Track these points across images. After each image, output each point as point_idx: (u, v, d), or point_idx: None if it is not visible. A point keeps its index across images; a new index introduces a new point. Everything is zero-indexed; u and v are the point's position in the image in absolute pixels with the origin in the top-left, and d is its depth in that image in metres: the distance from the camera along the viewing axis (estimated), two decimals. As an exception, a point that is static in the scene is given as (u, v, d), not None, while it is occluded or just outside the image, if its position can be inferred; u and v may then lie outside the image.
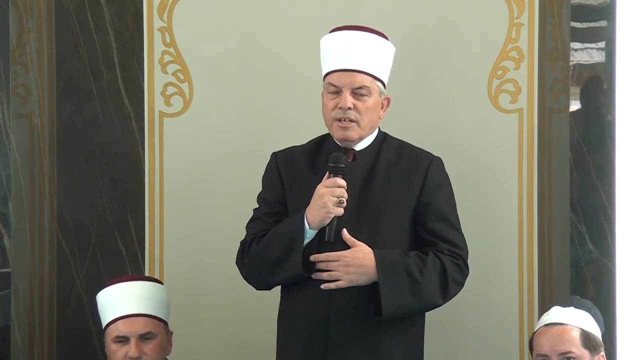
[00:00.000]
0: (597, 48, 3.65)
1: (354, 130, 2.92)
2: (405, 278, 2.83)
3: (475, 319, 3.41)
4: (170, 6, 3.53)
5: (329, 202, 2.81)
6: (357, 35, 2.94)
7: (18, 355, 3.81)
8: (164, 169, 3.54)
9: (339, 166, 2.85)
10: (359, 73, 2.90)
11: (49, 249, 3.84)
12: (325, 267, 2.85)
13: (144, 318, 3.09)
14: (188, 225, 3.53)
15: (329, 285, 2.84)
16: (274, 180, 3.02)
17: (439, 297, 2.88)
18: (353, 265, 2.83)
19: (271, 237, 2.90)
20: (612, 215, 3.57)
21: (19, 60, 3.82)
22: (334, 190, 2.82)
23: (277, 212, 2.97)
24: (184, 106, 3.55)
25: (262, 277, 2.94)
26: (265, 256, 2.90)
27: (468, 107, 3.44)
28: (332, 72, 2.94)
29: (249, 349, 3.49)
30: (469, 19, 3.43)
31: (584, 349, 2.85)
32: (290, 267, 2.85)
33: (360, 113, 2.91)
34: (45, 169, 3.83)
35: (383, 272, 2.82)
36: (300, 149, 3.06)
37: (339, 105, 2.89)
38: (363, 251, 2.84)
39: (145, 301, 3.11)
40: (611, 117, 3.59)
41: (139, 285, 3.16)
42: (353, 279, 2.83)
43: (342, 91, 2.90)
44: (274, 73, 3.50)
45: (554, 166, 3.59)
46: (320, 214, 2.82)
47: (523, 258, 3.41)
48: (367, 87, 2.91)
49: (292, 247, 2.84)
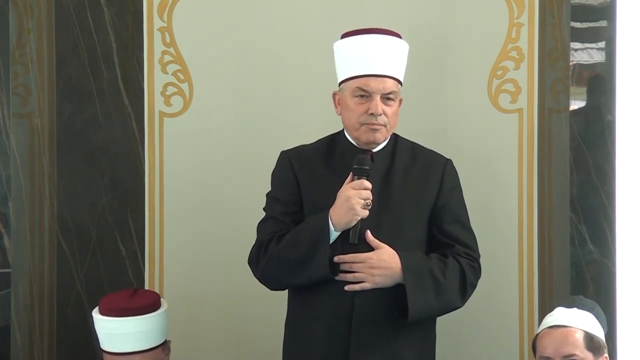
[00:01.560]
0: (597, 48, 3.65)
1: (382, 133, 2.91)
2: (429, 280, 2.84)
3: (476, 319, 3.41)
4: (170, 6, 3.53)
5: (357, 205, 2.79)
6: (382, 39, 2.91)
7: (18, 355, 3.81)
8: (164, 169, 3.54)
9: (363, 168, 2.84)
10: (388, 78, 2.89)
11: (49, 249, 3.84)
12: (350, 269, 2.84)
13: (140, 354, 3.10)
14: (188, 225, 3.53)
15: (353, 287, 2.83)
16: (288, 179, 2.98)
17: (458, 300, 2.90)
18: (379, 267, 2.82)
19: (294, 238, 2.86)
20: (612, 215, 3.57)
21: (19, 60, 3.82)
22: (360, 193, 2.81)
23: (293, 212, 2.95)
24: (184, 106, 3.55)
25: (282, 278, 2.91)
26: (287, 257, 2.86)
27: (468, 107, 3.44)
28: (360, 77, 2.89)
29: (249, 349, 3.49)
30: (469, 19, 3.43)
31: (588, 352, 2.85)
32: (316, 269, 2.82)
33: (389, 117, 2.90)
34: (45, 169, 3.83)
35: (409, 274, 2.82)
36: (311, 147, 3.03)
37: (370, 111, 2.87)
38: (388, 253, 2.84)
39: (143, 337, 3.11)
40: (611, 117, 3.59)
41: (136, 324, 3.11)
42: (378, 280, 2.83)
43: (372, 96, 2.88)
44: (273, 73, 3.50)
45: (554, 166, 3.59)
46: (347, 216, 2.80)
47: (523, 258, 3.41)
48: (395, 92, 2.91)
49: (316, 248, 2.81)
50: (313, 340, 2.89)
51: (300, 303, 2.96)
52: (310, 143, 3.05)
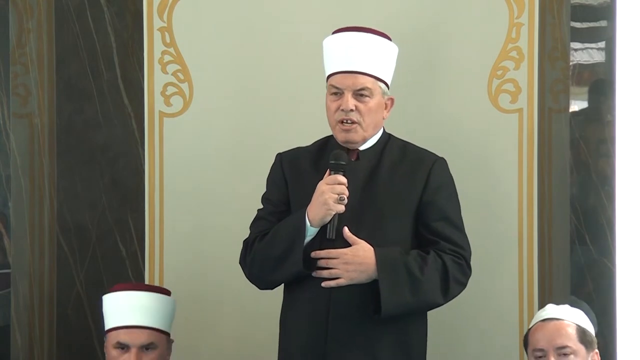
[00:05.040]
0: (597, 48, 3.65)
1: (356, 132, 2.92)
2: (405, 276, 2.83)
3: (476, 319, 3.41)
4: (170, 6, 3.53)
5: (330, 199, 2.81)
6: (359, 36, 2.94)
7: (18, 355, 3.81)
8: (164, 169, 3.54)
9: (339, 163, 2.86)
10: (361, 74, 2.91)
11: (49, 249, 3.84)
12: (326, 265, 2.85)
13: (147, 330, 3.09)
14: (188, 225, 3.53)
15: (329, 283, 2.84)
16: (278, 180, 3.02)
17: (439, 297, 2.88)
18: (353, 263, 2.83)
19: (273, 235, 2.91)
20: (612, 216, 3.57)
21: (19, 60, 3.82)
22: (334, 187, 2.83)
23: (281, 211, 2.98)
24: (184, 106, 3.55)
25: (264, 276, 2.94)
26: (267, 254, 2.90)
27: (468, 107, 3.44)
28: (334, 74, 2.94)
29: (249, 349, 3.49)
30: (469, 19, 3.43)
31: (580, 344, 2.86)
32: (292, 265, 2.85)
33: (362, 114, 2.91)
34: (45, 169, 3.83)
35: (383, 270, 2.82)
36: (304, 150, 3.06)
37: (341, 107, 2.90)
38: (363, 249, 2.85)
39: (151, 313, 3.12)
40: (611, 117, 3.59)
41: (146, 297, 3.15)
42: (353, 276, 2.84)
43: (344, 93, 2.91)
44: (274, 73, 3.50)
45: (554, 166, 3.59)
46: (321, 211, 2.82)
47: (523, 258, 3.40)
48: (368, 88, 2.91)
49: (293, 245, 2.84)
50: (294, 336, 2.92)
51: (286, 301, 2.99)
52: (306, 145, 3.07)
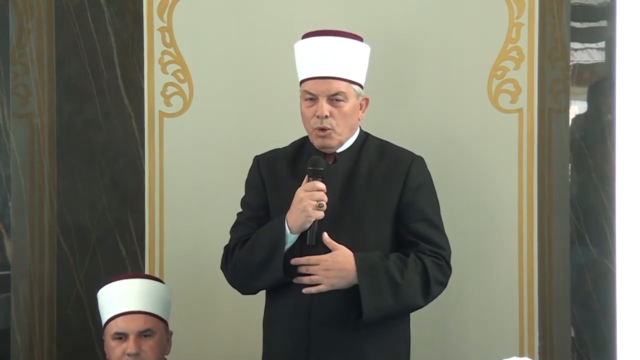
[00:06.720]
0: (597, 48, 3.65)
1: (331, 138, 2.90)
2: (385, 280, 2.82)
3: (476, 319, 3.41)
4: (170, 6, 3.53)
5: (309, 206, 2.80)
6: (330, 41, 2.91)
7: (18, 355, 3.81)
8: (164, 169, 3.54)
9: (317, 169, 2.84)
10: (335, 80, 2.89)
11: (49, 249, 3.85)
12: (306, 271, 2.84)
13: (144, 315, 3.08)
14: (188, 225, 3.53)
15: (310, 290, 2.83)
16: (256, 184, 3.02)
17: (420, 299, 2.87)
18: (333, 269, 2.82)
19: (253, 243, 2.91)
20: (612, 215, 3.57)
21: (19, 60, 3.82)
22: (313, 194, 2.81)
23: (260, 216, 2.97)
24: (184, 106, 3.55)
25: (246, 282, 2.95)
26: (248, 261, 2.90)
27: (468, 107, 3.44)
28: (307, 80, 2.92)
29: (249, 349, 3.48)
30: (469, 18, 3.43)
31: None
32: (272, 272, 2.85)
33: (337, 120, 2.89)
34: (45, 169, 3.83)
35: (363, 275, 2.81)
36: (281, 151, 3.05)
37: (316, 113, 2.88)
38: (343, 254, 2.83)
39: (146, 298, 3.11)
40: (611, 117, 3.59)
41: (140, 283, 3.15)
42: (334, 282, 2.83)
43: (318, 99, 2.89)
44: (274, 73, 3.50)
45: (554, 166, 3.59)
46: (300, 218, 2.81)
47: (523, 258, 3.40)
48: (343, 92, 2.89)
49: (273, 252, 2.84)
50: (278, 343, 2.93)
51: (268, 307, 3.00)
52: (284, 147, 3.06)
